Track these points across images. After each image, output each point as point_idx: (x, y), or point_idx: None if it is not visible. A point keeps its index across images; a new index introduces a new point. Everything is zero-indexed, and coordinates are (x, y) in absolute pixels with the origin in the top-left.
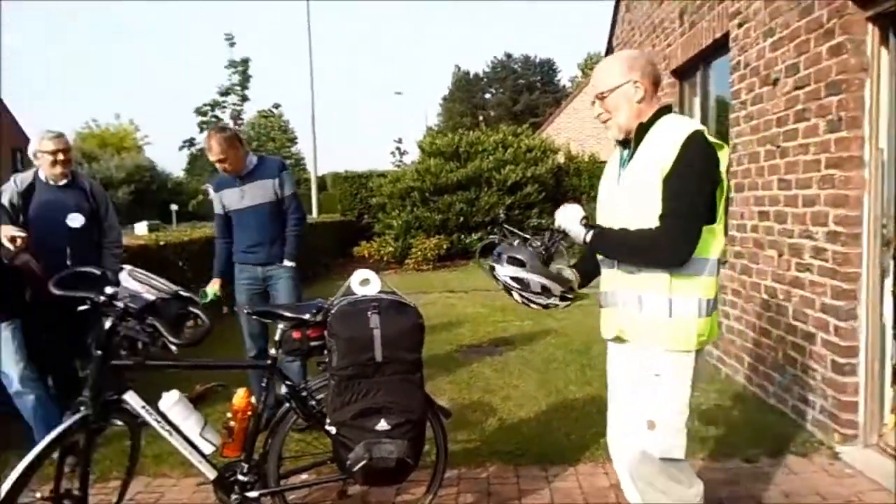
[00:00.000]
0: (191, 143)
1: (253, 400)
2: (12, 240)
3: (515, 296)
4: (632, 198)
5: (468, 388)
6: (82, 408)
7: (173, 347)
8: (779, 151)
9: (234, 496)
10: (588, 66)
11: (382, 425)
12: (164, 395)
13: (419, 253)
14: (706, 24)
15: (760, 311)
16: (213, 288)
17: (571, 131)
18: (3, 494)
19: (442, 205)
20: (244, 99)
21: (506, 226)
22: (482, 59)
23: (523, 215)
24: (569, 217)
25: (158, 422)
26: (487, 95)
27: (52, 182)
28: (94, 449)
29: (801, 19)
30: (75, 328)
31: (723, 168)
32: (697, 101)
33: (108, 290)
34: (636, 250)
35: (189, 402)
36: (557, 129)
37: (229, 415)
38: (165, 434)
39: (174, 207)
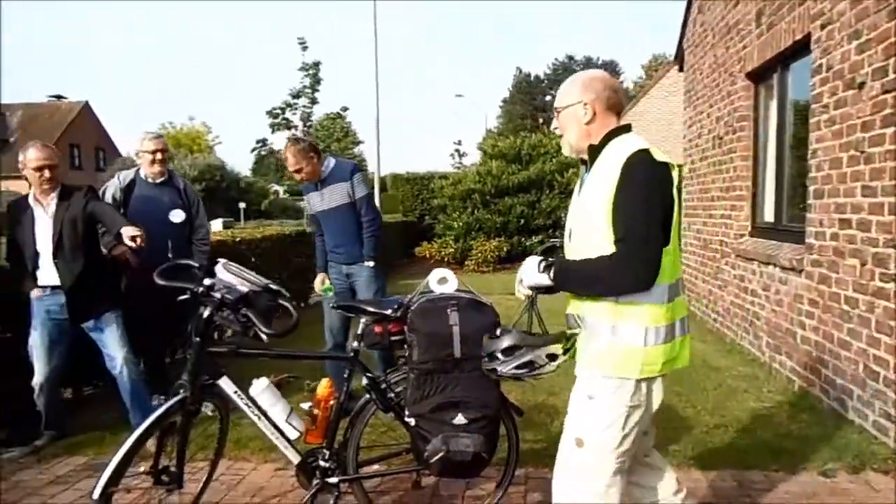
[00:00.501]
0: (263, 143)
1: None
2: (133, 238)
3: (531, 380)
4: (583, 220)
5: (532, 390)
6: (181, 391)
7: (264, 337)
8: (863, 157)
9: (315, 481)
10: (653, 67)
11: (460, 419)
12: (255, 381)
13: (479, 254)
14: (786, 25)
15: (840, 322)
16: (326, 283)
17: (637, 134)
18: (112, 468)
19: (503, 207)
20: (313, 102)
21: None
22: (543, 62)
23: None
24: (529, 273)
25: (248, 406)
26: (548, 98)
27: (150, 179)
28: (190, 429)
29: (891, 21)
30: (166, 317)
31: (674, 188)
32: (774, 104)
33: (207, 281)
34: (596, 280)
35: (276, 390)
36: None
37: (310, 404)
38: (254, 418)
39: (242, 205)
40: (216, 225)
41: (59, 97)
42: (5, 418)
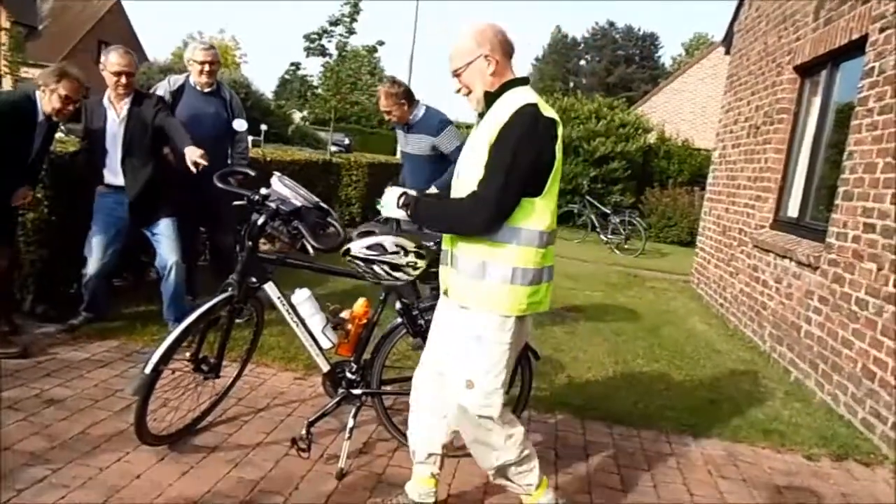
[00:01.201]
0: (296, 67)
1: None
2: (195, 163)
3: (377, 269)
4: (468, 161)
5: (540, 344)
6: (229, 289)
7: (311, 251)
8: None
9: (340, 390)
10: (694, 46)
11: None
12: (297, 290)
13: None
14: (843, 23)
15: (846, 322)
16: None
17: (667, 112)
18: (164, 348)
19: None
20: (350, 32)
21: (587, 197)
22: (583, 25)
23: (606, 190)
24: (388, 206)
25: (289, 312)
26: (582, 62)
27: (198, 88)
28: (233, 325)
29: None
30: (200, 222)
31: (558, 144)
32: (817, 101)
33: (263, 190)
34: (450, 218)
35: (315, 302)
36: (653, 108)
37: (347, 315)
38: (293, 325)
39: (264, 127)
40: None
41: None
42: (46, 295)
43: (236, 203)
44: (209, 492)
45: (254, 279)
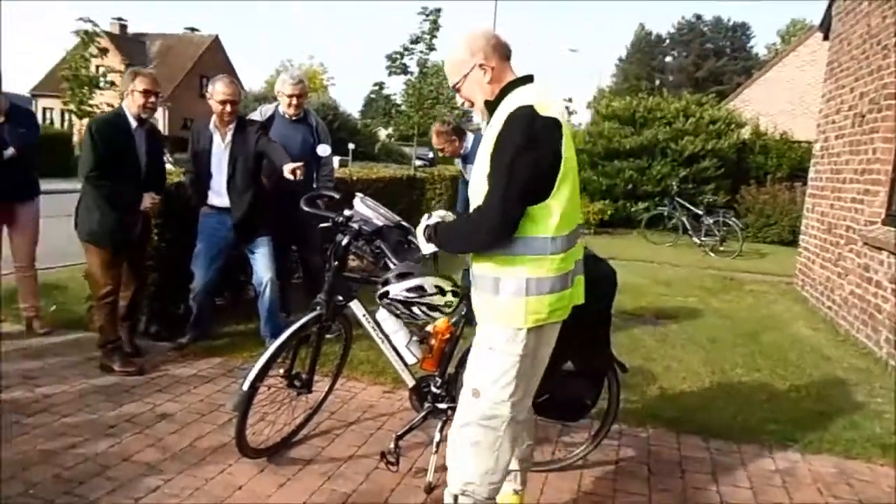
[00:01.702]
0: (380, 87)
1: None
2: (293, 172)
3: (416, 310)
4: (476, 175)
5: (628, 354)
6: (317, 308)
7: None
8: None
9: (426, 404)
10: (791, 33)
11: (569, 366)
12: (381, 308)
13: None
14: None
15: None
16: None
17: (762, 104)
18: (259, 366)
19: (611, 170)
20: (431, 48)
21: (677, 199)
22: (668, 20)
23: (697, 190)
24: (421, 243)
25: (374, 329)
26: (668, 59)
27: (287, 116)
28: (322, 343)
29: None
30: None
31: (565, 142)
32: None
33: (346, 212)
34: (461, 236)
35: (399, 319)
36: (746, 101)
37: (430, 329)
38: (378, 341)
39: (351, 146)
40: (334, 163)
41: (193, 29)
42: (158, 316)
43: (322, 225)
44: (305, 503)
45: (340, 297)
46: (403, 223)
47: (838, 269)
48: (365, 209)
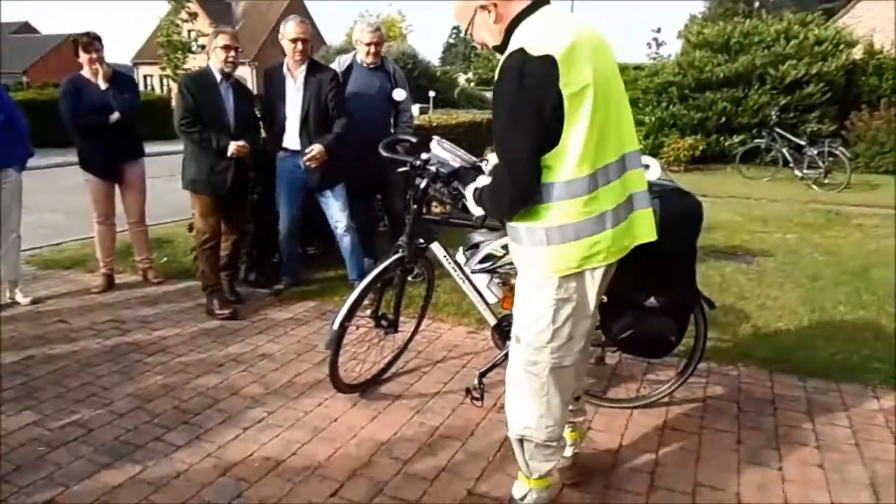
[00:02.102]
0: (458, 31)
1: None
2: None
3: (500, 272)
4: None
5: (720, 292)
6: (399, 250)
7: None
8: None
9: (508, 342)
10: None
11: (651, 302)
12: (462, 249)
13: (671, 152)
14: None
15: None
16: None
17: (877, 19)
18: (347, 307)
19: (703, 103)
20: None
21: (777, 129)
22: None
23: (799, 119)
24: (471, 206)
25: (455, 270)
26: None
27: (365, 65)
28: (406, 284)
29: None
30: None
31: (566, 80)
32: None
33: (424, 155)
34: (495, 208)
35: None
36: (858, 17)
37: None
38: (459, 282)
39: (432, 94)
40: (414, 110)
41: None
42: (256, 264)
43: (401, 170)
44: (396, 435)
45: (421, 240)
46: (480, 163)
47: None
48: (442, 151)
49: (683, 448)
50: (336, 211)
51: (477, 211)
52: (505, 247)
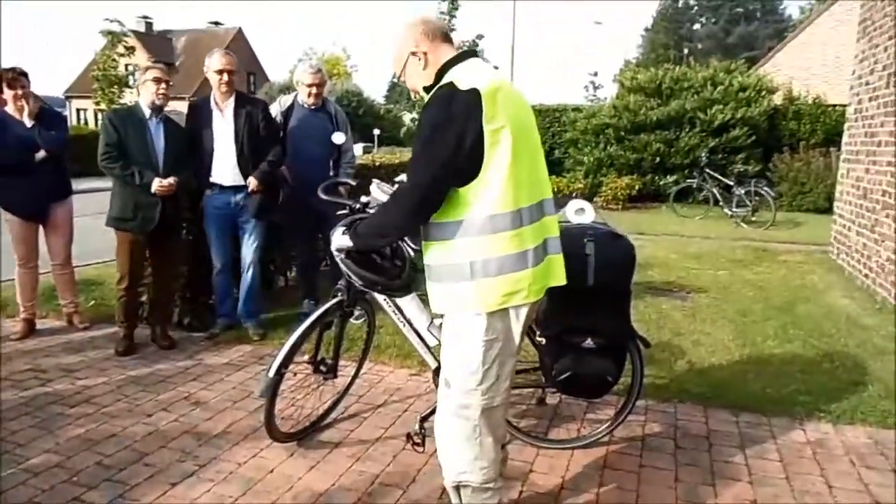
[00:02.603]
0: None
1: None
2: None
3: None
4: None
5: (657, 329)
6: (339, 294)
7: (411, 252)
8: None
9: None
10: None
11: (589, 343)
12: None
13: (609, 191)
14: None
15: None
16: None
17: (795, 69)
18: (284, 354)
19: (638, 144)
20: (451, 29)
21: (707, 170)
22: None
23: (727, 160)
24: (338, 241)
25: (395, 313)
26: (696, 26)
27: (306, 105)
28: (345, 329)
29: None
30: (318, 230)
31: (489, 115)
32: None
33: (364, 198)
34: (375, 230)
35: (420, 302)
36: (777, 66)
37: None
38: (399, 325)
39: (377, 132)
40: (357, 149)
41: (216, 23)
42: (192, 308)
43: (340, 212)
44: (334, 485)
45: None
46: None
47: (875, 235)
48: (381, 195)
49: (623, 487)
50: (248, 246)
51: (341, 242)
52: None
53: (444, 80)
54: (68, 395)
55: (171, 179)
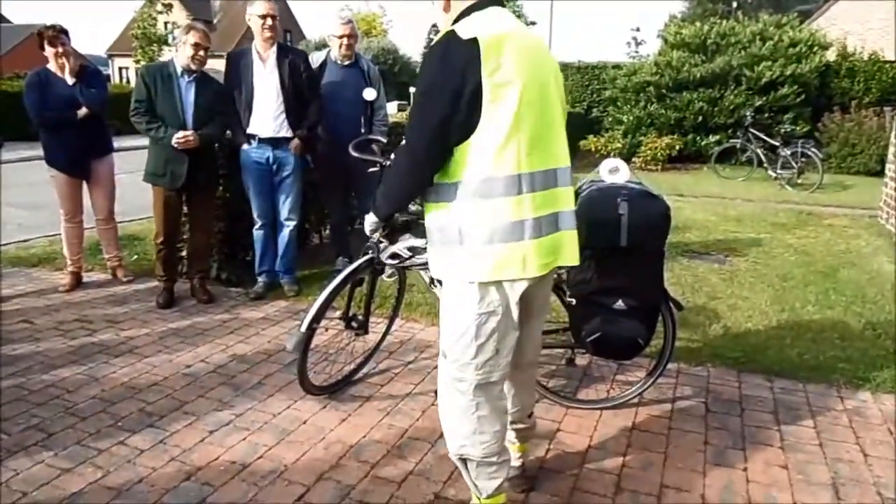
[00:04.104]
0: (435, 27)
1: None
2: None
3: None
4: None
5: (692, 292)
6: (369, 251)
7: None
8: None
9: None
10: None
11: (620, 305)
12: None
13: (648, 151)
14: None
15: None
16: None
17: (851, 22)
18: (315, 310)
19: (680, 102)
20: None
21: (752, 130)
22: None
23: (773, 120)
24: (367, 223)
25: (424, 271)
26: None
27: (339, 61)
28: (376, 285)
29: None
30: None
31: (489, 68)
32: None
33: (393, 155)
34: (385, 196)
35: None
36: (832, 20)
37: None
38: (428, 282)
39: (412, 90)
40: (391, 107)
41: None
42: (229, 263)
43: (371, 170)
44: (365, 437)
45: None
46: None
47: None
48: None
49: (651, 449)
50: (283, 203)
51: (371, 218)
52: (410, 248)
53: (448, 28)
54: (113, 345)
55: (189, 133)
